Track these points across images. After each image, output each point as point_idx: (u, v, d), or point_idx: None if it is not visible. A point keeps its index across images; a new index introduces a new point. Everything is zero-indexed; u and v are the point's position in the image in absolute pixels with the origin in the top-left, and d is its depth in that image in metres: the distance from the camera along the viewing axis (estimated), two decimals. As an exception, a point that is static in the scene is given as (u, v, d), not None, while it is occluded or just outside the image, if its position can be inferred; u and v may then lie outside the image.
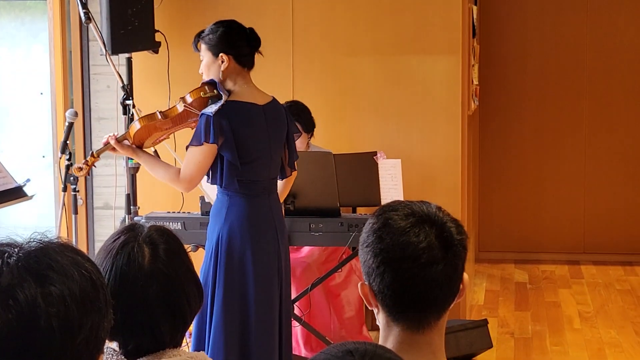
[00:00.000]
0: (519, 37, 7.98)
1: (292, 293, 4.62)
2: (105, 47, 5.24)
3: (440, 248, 1.89)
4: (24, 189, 4.38)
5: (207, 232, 4.22)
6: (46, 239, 1.40)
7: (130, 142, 4.27)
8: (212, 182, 4.17)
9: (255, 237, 4.11)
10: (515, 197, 8.06)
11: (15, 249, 1.37)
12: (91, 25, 5.23)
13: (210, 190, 4.67)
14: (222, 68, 4.13)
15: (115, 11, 5.26)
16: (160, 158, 4.42)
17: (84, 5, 5.17)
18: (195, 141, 4.04)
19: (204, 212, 4.71)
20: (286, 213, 4.64)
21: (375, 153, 5.51)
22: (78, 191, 5.03)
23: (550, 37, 7.94)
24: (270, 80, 5.32)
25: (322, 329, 5.17)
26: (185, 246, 2.31)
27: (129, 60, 5.59)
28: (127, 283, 2.07)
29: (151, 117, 4.25)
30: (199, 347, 4.10)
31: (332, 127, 5.92)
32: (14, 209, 5.40)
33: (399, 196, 5.42)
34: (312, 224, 4.81)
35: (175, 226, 4.72)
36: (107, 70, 5.83)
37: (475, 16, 6.72)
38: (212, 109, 4.04)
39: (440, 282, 1.88)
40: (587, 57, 7.91)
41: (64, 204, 5.02)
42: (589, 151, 7.96)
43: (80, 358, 1.36)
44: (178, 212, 4.99)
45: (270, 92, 4.30)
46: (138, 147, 4.28)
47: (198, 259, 3.85)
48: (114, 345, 2.12)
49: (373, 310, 1.96)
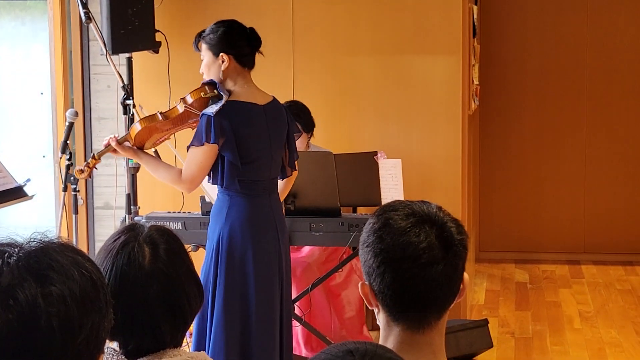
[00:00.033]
0: (519, 37, 7.98)
1: (292, 293, 4.62)
2: (105, 47, 5.24)
3: (440, 248, 1.89)
4: (24, 188, 4.38)
5: (208, 232, 4.22)
6: (46, 239, 1.40)
7: (131, 143, 4.26)
8: (213, 182, 4.17)
9: (256, 237, 4.11)
10: (515, 197, 8.06)
11: (16, 249, 1.37)
12: (91, 25, 5.23)
13: (211, 189, 4.67)
14: (223, 68, 4.13)
15: (115, 11, 5.26)
16: (161, 158, 4.42)
17: (84, 5, 5.17)
18: (197, 141, 4.04)
19: (205, 212, 4.71)
20: (287, 213, 4.64)
21: (375, 153, 5.51)
22: (78, 191, 5.03)
23: (551, 37, 7.94)
24: (270, 80, 5.32)
25: (322, 329, 5.17)
26: (186, 246, 2.31)
27: (130, 60, 5.59)
28: (127, 283, 2.07)
29: (152, 118, 4.24)
30: (200, 347, 4.10)
31: (332, 127, 5.92)
32: (14, 209, 5.39)
33: (399, 196, 5.42)
34: (312, 224, 4.81)
35: (175, 226, 4.72)
36: (107, 70, 5.83)
37: (475, 16, 6.72)
38: (212, 109, 4.04)
39: (440, 282, 1.88)
40: (587, 57, 7.91)
41: (64, 204, 5.02)
42: (589, 151, 7.95)
43: (81, 358, 1.36)
44: (178, 212, 4.99)
45: (270, 91, 4.30)
46: (139, 148, 4.28)
47: (198, 258, 3.85)
48: (115, 345, 2.12)
49: (373, 310, 1.96)
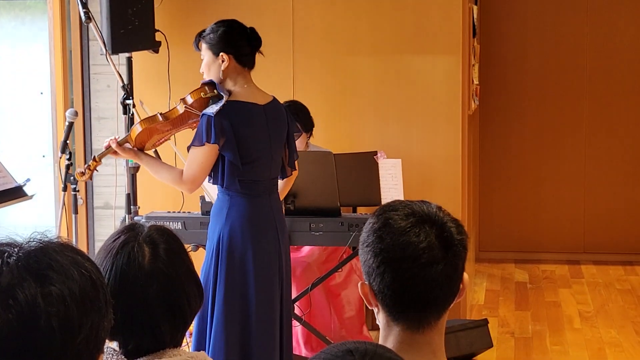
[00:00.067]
0: (519, 37, 7.98)
1: (292, 293, 4.62)
2: (105, 47, 5.23)
3: (440, 248, 1.89)
4: (24, 188, 4.38)
5: (208, 231, 4.22)
6: (46, 239, 1.40)
7: (131, 144, 4.26)
8: (214, 182, 4.17)
9: (256, 237, 4.11)
10: (515, 197, 8.06)
11: (15, 249, 1.37)
12: (91, 25, 5.23)
13: (211, 189, 4.67)
14: (223, 67, 4.13)
15: (115, 11, 5.26)
16: (161, 159, 4.41)
17: (84, 5, 5.17)
18: (197, 141, 4.04)
19: (204, 212, 4.71)
20: (286, 213, 4.63)
21: (375, 153, 5.51)
22: (78, 191, 5.03)
23: (551, 37, 7.94)
24: (270, 80, 5.32)
25: (322, 329, 5.17)
26: (186, 246, 2.31)
27: (129, 60, 5.59)
28: (127, 283, 2.07)
29: (152, 119, 4.24)
30: (200, 347, 4.10)
31: (332, 126, 5.92)
32: (14, 209, 5.39)
33: (399, 196, 5.42)
34: (312, 224, 4.81)
35: (175, 226, 4.72)
36: (107, 70, 5.83)
37: (475, 16, 6.72)
38: (213, 109, 4.04)
39: (440, 282, 1.88)
40: (587, 57, 7.91)
41: (64, 204, 5.02)
42: (589, 151, 7.95)
43: (81, 358, 1.35)
44: (178, 212, 4.99)
45: (270, 91, 4.29)
46: (139, 149, 4.28)
47: (198, 258, 3.85)
48: (114, 345, 2.12)
49: (373, 309, 1.95)
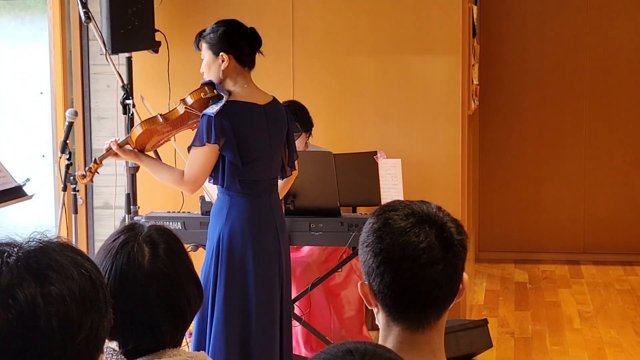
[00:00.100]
0: (519, 36, 7.98)
1: (292, 293, 4.62)
2: (105, 47, 5.23)
3: (440, 248, 1.88)
4: (24, 188, 4.37)
5: (208, 231, 4.21)
6: (46, 239, 1.40)
7: (132, 146, 4.26)
8: (214, 183, 4.17)
9: (256, 237, 4.11)
10: (515, 197, 8.06)
11: (15, 249, 1.37)
12: (91, 25, 5.22)
13: (211, 189, 4.67)
14: (223, 67, 4.13)
15: (115, 11, 5.25)
16: (161, 159, 4.41)
17: (84, 5, 5.17)
18: (198, 142, 4.03)
19: (204, 212, 4.71)
20: (286, 213, 4.63)
21: (375, 153, 5.51)
22: (78, 191, 5.03)
23: (551, 36, 7.94)
24: (270, 80, 5.32)
25: (322, 329, 5.16)
26: (185, 246, 2.31)
27: (129, 60, 5.59)
28: (127, 283, 2.07)
29: (152, 120, 4.24)
30: (200, 346, 4.10)
31: (332, 126, 5.91)
32: (14, 209, 5.39)
33: (399, 196, 5.42)
34: (312, 224, 4.80)
35: (175, 226, 4.71)
36: (107, 70, 5.83)
37: (475, 16, 6.72)
38: (213, 109, 4.04)
39: (440, 282, 1.88)
40: (587, 57, 7.91)
41: (63, 204, 5.02)
42: (589, 151, 7.95)
43: (80, 358, 1.35)
44: (178, 212, 4.99)
45: (270, 91, 4.29)
46: (140, 151, 4.28)
47: (198, 258, 3.85)
48: (114, 344, 2.12)
49: (373, 309, 1.95)
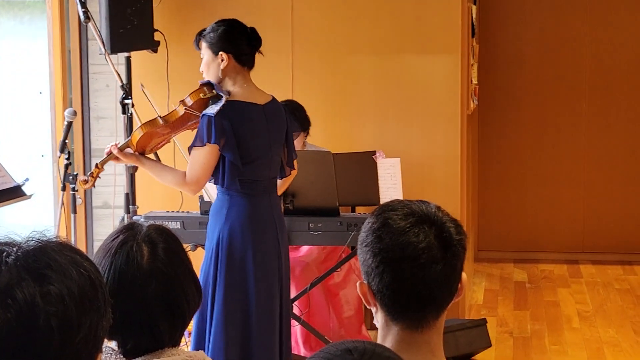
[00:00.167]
0: (518, 36, 7.98)
1: (291, 292, 4.62)
2: (104, 46, 5.23)
3: (439, 248, 1.89)
4: (23, 188, 4.37)
5: (207, 231, 4.21)
6: (45, 238, 1.40)
7: (133, 149, 4.26)
8: (215, 183, 4.17)
9: (256, 237, 4.11)
10: (514, 197, 8.06)
11: (14, 248, 1.37)
12: (90, 25, 5.22)
13: (211, 188, 4.67)
14: (222, 66, 4.13)
15: (114, 10, 5.25)
16: (161, 161, 4.41)
17: (83, 5, 5.17)
18: (199, 142, 4.03)
19: (203, 212, 4.71)
20: (285, 212, 4.63)
21: (374, 152, 5.51)
22: (77, 190, 5.03)
23: (550, 36, 7.94)
24: (269, 79, 5.32)
25: (321, 328, 5.17)
26: (184, 245, 2.31)
27: (128, 60, 5.59)
28: (125, 282, 2.07)
29: (153, 123, 4.24)
30: (199, 346, 4.10)
31: (331, 126, 5.92)
32: (13, 208, 5.39)
33: (398, 195, 5.42)
34: (311, 223, 4.81)
35: (174, 225, 4.71)
36: (106, 70, 5.83)
37: (474, 15, 6.72)
38: (213, 109, 4.04)
39: (439, 282, 1.88)
40: (586, 56, 7.91)
41: (62, 203, 5.01)
42: (588, 150, 7.96)
43: (79, 357, 1.35)
44: (177, 212, 4.99)
45: (269, 90, 4.29)
46: (140, 153, 4.28)
47: (197, 258, 3.85)
48: (113, 344, 2.12)
49: (372, 309, 1.95)
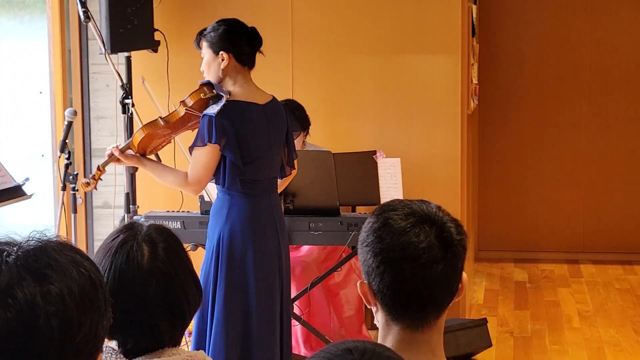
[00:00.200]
0: (518, 36, 7.98)
1: (291, 292, 4.62)
2: (104, 46, 5.23)
3: (440, 248, 1.89)
4: (23, 188, 4.37)
5: (208, 231, 4.21)
6: (45, 238, 1.40)
7: (134, 151, 4.26)
8: (216, 183, 4.17)
9: (256, 237, 4.11)
10: (514, 196, 8.06)
11: (14, 248, 1.37)
12: (90, 24, 5.22)
13: (211, 188, 4.67)
14: (222, 66, 4.13)
15: (114, 10, 5.25)
16: (161, 161, 4.41)
17: (83, 4, 5.17)
18: (200, 142, 4.03)
19: (203, 211, 4.71)
20: (286, 212, 4.63)
21: (374, 152, 5.51)
22: (77, 190, 5.03)
23: (550, 36, 7.94)
24: (269, 79, 5.32)
25: (321, 328, 5.16)
26: (185, 245, 2.31)
27: (128, 59, 5.59)
28: (126, 282, 2.07)
29: (153, 124, 4.24)
30: (199, 345, 4.10)
31: (331, 125, 5.91)
32: (13, 208, 5.39)
33: (398, 195, 5.42)
34: (311, 223, 4.80)
35: (174, 225, 4.71)
36: (106, 69, 5.83)
37: (474, 15, 6.72)
38: (214, 109, 4.04)
39: (439, 281, 1.88)
40: (586, 56, 7.91)
41: (63, 203, 5.01)
42: (588, 150, 7.95)
43: (80, 357, 1.35)
44: (177, 211, 4.99)
45: (269, 90, 4.29)
46: (141, 155, 4.28)
47: (197, 258, 3.85)
48: (113, 344, 2.12)
49: (372, 309, 1.95)
